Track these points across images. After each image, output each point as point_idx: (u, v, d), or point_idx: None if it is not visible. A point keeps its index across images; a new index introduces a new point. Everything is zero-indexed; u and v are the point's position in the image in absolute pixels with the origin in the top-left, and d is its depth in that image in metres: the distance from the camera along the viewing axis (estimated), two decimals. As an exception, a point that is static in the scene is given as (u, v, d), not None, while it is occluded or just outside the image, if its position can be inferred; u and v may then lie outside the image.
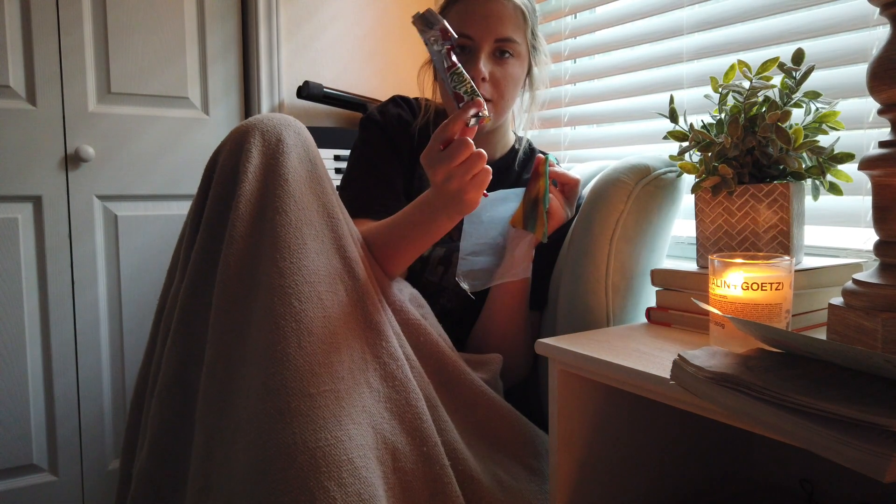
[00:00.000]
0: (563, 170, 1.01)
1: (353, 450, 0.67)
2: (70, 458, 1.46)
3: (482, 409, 0.87)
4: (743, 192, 0.82)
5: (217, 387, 0.73)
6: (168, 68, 1.54)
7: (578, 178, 1.01)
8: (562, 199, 1.00)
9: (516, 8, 1.01)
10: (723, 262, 0.67)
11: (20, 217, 1.40)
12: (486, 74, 0.99)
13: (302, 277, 0.73)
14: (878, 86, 0.60)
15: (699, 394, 0.57)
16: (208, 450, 0.72)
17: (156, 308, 0.88)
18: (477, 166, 0.80)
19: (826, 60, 0.98)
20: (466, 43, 1.01)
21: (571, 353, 0.73)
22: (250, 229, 0.77)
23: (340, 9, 1.75)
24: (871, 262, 0.86)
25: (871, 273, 0.63)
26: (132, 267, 1.52)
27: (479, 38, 1.00)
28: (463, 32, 1.00)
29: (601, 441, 0.79)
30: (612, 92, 1.39)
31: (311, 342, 0.70)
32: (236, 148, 0.81)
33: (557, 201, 0.99)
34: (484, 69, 0.99)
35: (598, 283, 0.92)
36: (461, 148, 0.79)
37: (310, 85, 1.62)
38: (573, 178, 1.01)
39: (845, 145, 0.83)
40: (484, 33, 0.99)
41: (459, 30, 1.00)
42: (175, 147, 1.56)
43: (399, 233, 0.89)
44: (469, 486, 0.77)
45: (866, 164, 0.62)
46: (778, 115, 0.78)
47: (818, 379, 0.52)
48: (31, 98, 1.40)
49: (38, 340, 1.43)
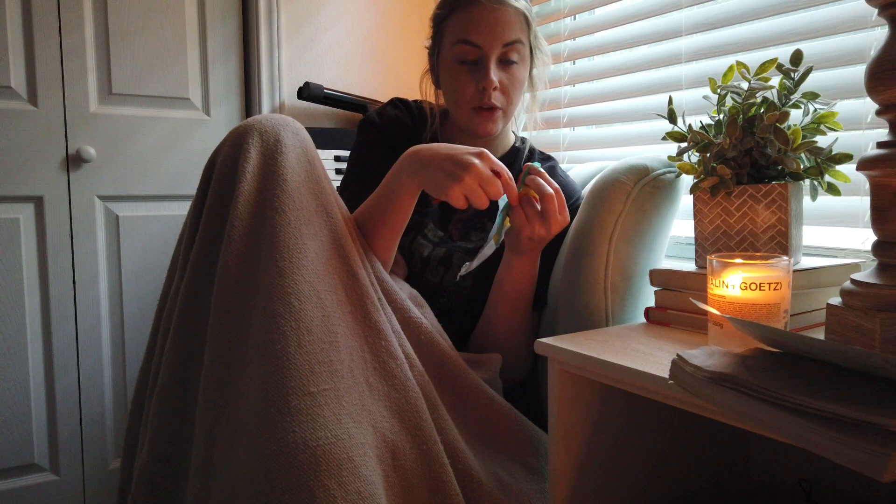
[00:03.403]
0: (543, 181, 0.89)
1: (353, 448, 0.68)
2: (71, 458, 1.47)
3: (482, 407, 0.87)
4: (741, 192, 0.82)
5: (217, 386, 0.74)
6: (169, 69, 1.54)
7: (551, 192, 0.88)
8: (534, 211, 0.89)
9: (518, 13, 1.02)
10: (721, 262, 0.67)
11: (21, 217, 1.41)
12: (496, 84, 1.00)
13: (301, 277, 0.74)
14: (877, 86, 0.61)
15: (698, 393, 0.57)
16: (208, 449, 0.72)
17: (156, 308, 0.89)
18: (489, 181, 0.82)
19: (824, 61, 0.99)
20: (474, 52, 1.01)
21: (571, 353, 0.74)
22: (249, 229, 0.77)
23: (341, 10, 1.75)
24: (870, 262, 0.86)
25: (870, 273, 0.63)
26: (133, 267, 1.53)
27: (487, 47, 1.00)
28: (469, 40, 1.00)
29: (600, 440, 0.80)
30: (611, 93, 1.39)
31: (310, 341, 0.71)
32: (234, 148, 0.81)
33: (523, 214, 0.89)
34: (494, 78, 1.00)
35: (597, 282, 0.93)
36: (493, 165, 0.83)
37: (310, 86, 1.63)
38: (547, 190, 0.88)
39: (843, 146, 0.83)
40: (491, 41, 1.00)
41: (465, 38, 1.01)
42: (176, 148, 1.56)
43: (367, 210, 0.91)
44: (468, 485, 0.77)
45: (864, 165, 0.62)
46: (776, 115, 0.78)
47: (816, 379, 0.52)
48: (33, 99, 1.40)
49: (40, 340, 1.43)
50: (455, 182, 0.82)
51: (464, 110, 1.04)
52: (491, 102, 1.01)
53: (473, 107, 1.03)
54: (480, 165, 0.82)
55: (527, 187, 0.90)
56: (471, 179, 0.81)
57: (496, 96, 1.01)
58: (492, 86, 1.00)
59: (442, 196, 0.84)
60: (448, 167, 0.82)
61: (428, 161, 0.85)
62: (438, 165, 0.83)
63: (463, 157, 0.83)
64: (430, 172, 0.84)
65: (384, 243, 0.90)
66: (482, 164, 0.82)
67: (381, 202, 0.90)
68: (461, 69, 1.03)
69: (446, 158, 0.83)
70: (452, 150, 0.85)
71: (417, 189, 0.88)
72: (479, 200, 0.83)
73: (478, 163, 0.82)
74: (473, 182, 0.82)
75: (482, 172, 0.82)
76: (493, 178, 0.83)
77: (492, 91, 1.00)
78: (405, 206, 0.89)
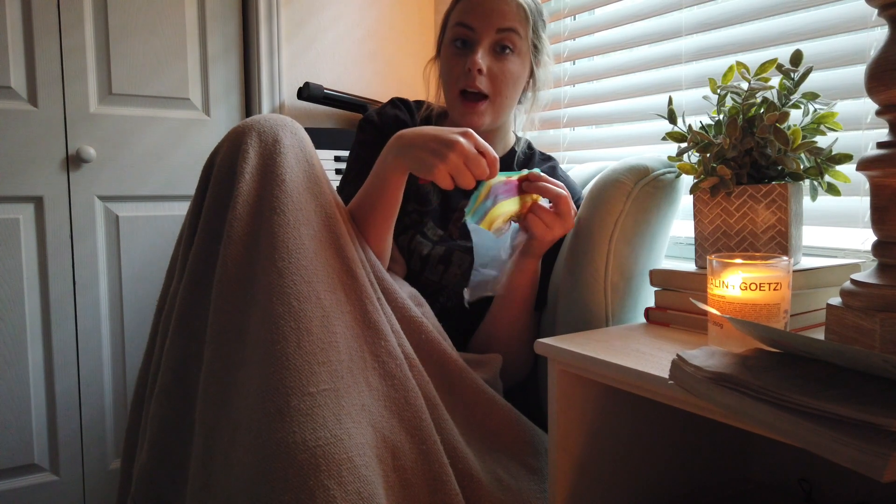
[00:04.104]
0: (550, 185, 0.91)
1: (353, 448, 0.68)
2: (71, 458, 1.47)
3: (482, 407, 0.87)
4: (741, 192, 0.82)
5: (216, 386, 0.74)
6: (169, 69, 1.54)
7: (564, 193, 0.91)
8: (551, 216, 0.91)
9: (519, 5, 1.02)
10: (721, 262, 0.67)
11: (21, 218, 1.41)
12: (482, 66, 1.00)
13: (300, 277, 0.74)
14: (877, 87, 0.61)
15: (698, 393, 0.57)
16: (208, 449, 0.72)
17: (155, 308, 0.89)
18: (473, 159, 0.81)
19: (824, 61, 0.99)
20: (468, 34, 1.01)
21: (571, 353, 0.74)
22: (248, 229, 0.77)
23: (341, 10, 1.75)
24: (869, 262, 0.86)
25: (870, 273, 0.63)
26: (133, 267, 1.53)
27: (480, 29, 1.00)
28: (465, 23, 1.01)
29: (600, 440, 0.80)
30: (611, 93, 1.39)
31: (309, 341, 0.71)
32: (233, 149, 0.81)
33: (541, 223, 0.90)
34: (481, 61, 1.00)
35: (598, 283, 0.93)
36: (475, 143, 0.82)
37: (310, 86, 1.63)
38: (560, 192, 0.90)
39: (843, 146, 0.83)
40: (485, 24, 1.00)
41: (462, 20, 1.01)
42: (176, 148, 1.56)
43: (358, 199, 0.91)
44: (468, 485, 0.77)
45: (864, 165, 0.62)
46: (776, 116, 0.78)
47: (816, 379, 0.52)
48: (33, 99, 1.40)
49: (40, 340, 1.43)
50: (439, 160, 0.81)
51: (452, 93, 1.05)
52: (476, 86, 1.01)
53: (461, 90, 1.03)
54: (465, 143, 0.82)
55: (527, 195, 0.91)
56: (455, 157, 0.81)
57: (482, 81, 1.01)
58: (476, 66, 0.99)
59: (427, 175, 0.83)
60: (433, 145, 0.82)
61: (413, 141, 0.85)
62: (423, 144, 0.83)
63: (447, 135, 0.82)
64: (414, 152, 0.84)
65: (376, 232, 0.90)
66: (467, 143, 0.82)
67: (370, 190, 0.90)
68: (454, 50, 1.04)
69: (432, 138, 0.83)
70: (438, 130, 0.85)
71: (404, 171, 0.88)
72: (464, 179, 0.82)
73: (463, 141, 0.82)
74: (458, 160, 0.81)
75: (467, 150, 0.81)
76: (477, 157, 0.82)
77: (476, 73, 1.00)
78: (394, 190, 0.89)
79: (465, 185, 0.83)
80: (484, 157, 0.83)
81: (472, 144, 0.82)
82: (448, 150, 0.81)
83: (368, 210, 0.90)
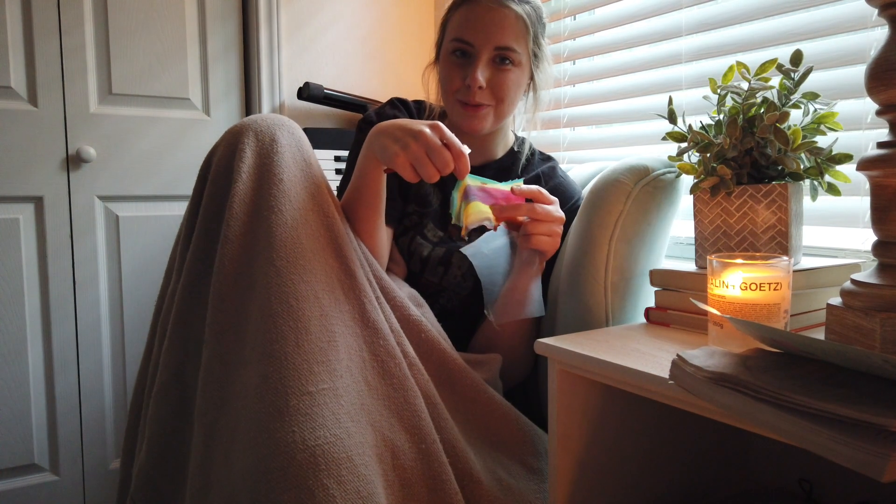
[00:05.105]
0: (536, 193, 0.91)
1: (352, 447, 0.68)
2: (71, 458, 1.47)
3: (482, 407, 0.87)
4: (741, 192, 0.82)
5: (215, 386, 0.73)
6: (169, 69, 1.54)
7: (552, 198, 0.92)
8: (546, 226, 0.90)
9: (518, 17, 1.01)
10: (721, 262, 0.67)
11: (21, 217, 1.41)
12: (482, 83, 1.00)
13: (298, 276, 0.74)
14: (877, 87, 0.61)
15: (698, 393, 0.57)
16: (207, 449, 0.72)
17: (154, 308, 0.89)
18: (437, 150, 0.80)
19: (824, 61, 0.98)
20: (467, 49, 1.01)
21: (571, 353, 0.74)
22: (245, 228, 0.77)
23: (341, 10, 1.75)
24: (870, 262, 0.86)
25: (870, 273, 0.63)
26: (133, 267, 1.53)
27: (479, 45, 1.00)
28: (464, 38, 1.00)
29: (600, 440, 0.80)
30: (612, 93, 1.39)
31: (308, 341, 0.71)
32: (230, 148, 0.81)
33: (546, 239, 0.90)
34: (481, 77, 0.99)
35: (598, 283, 0.93)
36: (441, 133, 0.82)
37: (310, 86, 1.63)
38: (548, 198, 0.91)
39: (843, 146, 0.83)
40: (484, 41, 1.00)
41: (461, 35, 1.01)
42: (176, 148, 1.56)
43: (346, 194, 0.92)
44: (468, 484, 0.77)
45: (865, 165, 0.62)
46: (776, 115, 0.78)
47: (816, 379, 0.52)
48: (33, 99, 1.40)
49: (40, 340, 1.43)
50: (400, 148, 0.81)
51: (450, 101, 1.05)
52: (476, 101, 1.01)
53: (459, 100, 1.03)
54: (429, 134, 0.81)
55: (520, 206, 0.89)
56: (417, 147, 0.80)
57: (482, 95, 1.01)
58: (476, 84, 0.99)
59: (389, 163, 0.83)
60: (398, 134, 0.82)
61: (383, 130, 0.86)
62: (389, 132, 0.84)
63: (413, 126, 0.82)
64: (381, 140, 0.85)
65: (365, 227, 0.91)
66: (431, 133, 0.81)
67: (354, 182, 0.92)
68: (453, 61, 1.04)
69: (398, 128, 0.84)
70: (408, 121, 0.85)
71: (378, 161, 0.88)
72: (426, 171, 0.81)
73: (427, 131, 0.81)
74: (420, 150, 0.80)
75: (430, 140, 0.80)
76: (441, 148, 0.81)
77: (476, 89, 1.00)
78: (371, 181, 0.90)
79: (427, 176, 0.81)
80: (449, 149, 0.82)
81: (438, 136, 0.82)
82: (411, 139, 0.81)
83: (355, 203, 0.91)
